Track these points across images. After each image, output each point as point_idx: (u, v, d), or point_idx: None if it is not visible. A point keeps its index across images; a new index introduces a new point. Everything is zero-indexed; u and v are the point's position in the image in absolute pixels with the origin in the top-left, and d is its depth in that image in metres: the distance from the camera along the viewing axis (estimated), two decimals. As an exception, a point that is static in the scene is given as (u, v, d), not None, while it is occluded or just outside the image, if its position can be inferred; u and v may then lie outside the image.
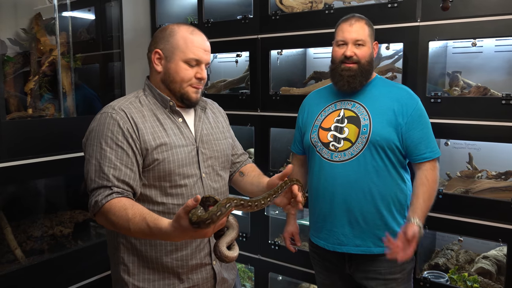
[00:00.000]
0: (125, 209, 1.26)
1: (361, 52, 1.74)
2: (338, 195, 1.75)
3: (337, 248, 1.78)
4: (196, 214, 1.10)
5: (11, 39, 2.12)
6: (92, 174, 1.34)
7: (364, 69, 1.75)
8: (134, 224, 1.22)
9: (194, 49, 1.42)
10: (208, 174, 1.49)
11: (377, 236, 1.73)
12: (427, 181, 1.69)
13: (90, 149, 1.37)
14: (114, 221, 1.27)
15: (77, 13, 2.59)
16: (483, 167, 2.11)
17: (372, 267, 1.76)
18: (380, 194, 1.72)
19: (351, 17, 1.77)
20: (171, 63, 1.42)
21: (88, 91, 2.45)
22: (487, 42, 2.10)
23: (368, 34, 1.75)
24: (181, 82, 1.43)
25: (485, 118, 1.87)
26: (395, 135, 1.71)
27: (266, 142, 2.52)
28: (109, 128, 1.36)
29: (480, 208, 1.90)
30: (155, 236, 1.23)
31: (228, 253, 1.26)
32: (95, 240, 2.30)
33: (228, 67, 2.97)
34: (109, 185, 1.32)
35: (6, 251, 1.98)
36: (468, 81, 2.16)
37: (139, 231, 1.22)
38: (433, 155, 1.72)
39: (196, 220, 1.09)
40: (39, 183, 2.24)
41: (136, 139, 1.37)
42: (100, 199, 1.30)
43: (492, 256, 2.08)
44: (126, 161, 1.35)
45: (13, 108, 2.01)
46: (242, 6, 2.76)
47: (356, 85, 1.76)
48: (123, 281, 1.44)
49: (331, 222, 1.78)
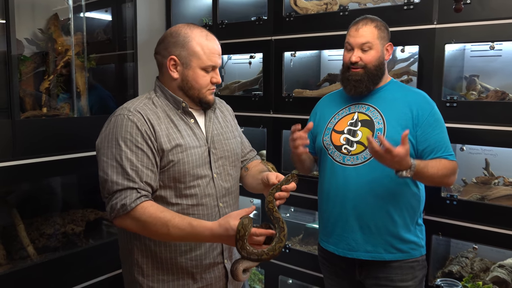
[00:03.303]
0: (162, 211, 1.30)
1: (367, 57, 1.71)
2: (349, 199, 1.72)
3: (347, 254, 1.75)
4: (245, 230, 1.24)
5: (28, 39, 2.15)
6: (114, 176, 1.33)
7: (371, 73, 1.72)
8: (174, 224, 1.27)
9: (211, 56, 1.43)
10: (219, 174, 1.50)
11: (389, 243, 1.70)
12: (440, 161, 1.63)
13: (108, 151, 1.36)
14: (150, 223, 1.29)
15: (95, 13, 2.62)
16: (499, 173, 2.06)
17: (383, 274, 1.73)
18: (392, 199, 1.69)
19: (360, 21, 1.75)
20: (188, 70, 1.43)
21: (102, 91, 2.47)
22: (506, 45, 2.05)
23: (376, 37, 1.72)
24: (200, 89, 1.45)
25: (502, 123, 1.82)
26: (409, 139, 1.67)
27: (279, 144, 2.51)
28: (127, 130, 1.36)
29: (496, 216, 1.85)
30: (194, 236, 1.30)
31: (241, 277, 1.38)
32: (106, 239, 2.31)
33: (241, 69, 2.97)
34: (136, 187, 1.32)
35: (19, 248, 2.01)
36: (486, 85, 2.11)
37: (179, 232, 1.28)
38: (451, 158, 1.66)
39: (247, 252, 1.26)
40: (52, 181, 2.27)
41: (154, 141, 1.37)
42: (128, 202, 1.30)
43: (508, 265, 2.03)
44: (147, 163, 1.35)
45: (28, 107, 2.04)
46: (256, 8, 2.76)
47: (362, 90, 1.74)
48: (137, 283, 1.45)
49: (342, 227, 1.75)
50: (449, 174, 1.64)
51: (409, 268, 1.71)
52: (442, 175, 1.62)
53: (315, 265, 2.32)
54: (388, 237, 1.70)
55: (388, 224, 1.69)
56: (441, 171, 1.61)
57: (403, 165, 1.51)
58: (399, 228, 1.70)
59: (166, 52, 1.44)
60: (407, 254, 1.71)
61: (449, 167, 1.64)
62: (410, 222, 1.72)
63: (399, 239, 1.70)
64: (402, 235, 1.70)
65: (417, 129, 1.68)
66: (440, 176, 1.62)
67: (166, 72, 1.46)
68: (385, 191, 1.68)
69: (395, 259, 1.70)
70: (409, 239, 1.71)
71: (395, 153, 1.46)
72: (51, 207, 2.26)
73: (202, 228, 1.28)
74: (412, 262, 1.72)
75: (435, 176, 1.61)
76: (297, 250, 2.49)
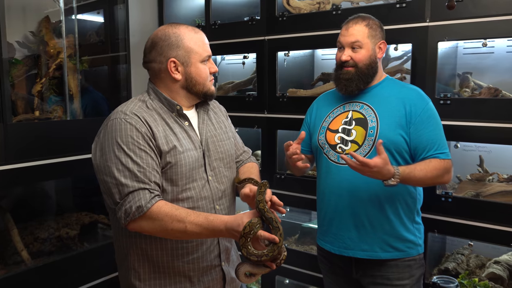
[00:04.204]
0: (177, 209, 1.30)
1: (358, 56, 1.72)
2: (344, 198, 1.72)
3: (343, 252, 1.75)
4: (251, 229, 1.24)
5: (19, 42, 2.14)
6: (122, 180, 1.30)
7: (361, 72, 1.72)
8: (190, 221, 1.28)
9: (204, 47, 1.47)
10: (214, 176, 1.49)
11: (385, 241, 1.69)
12: (429, 162, 1.62)
13: (111, 156, 1.33)
14: (166, 222, 1.28)
15: (87, 15, 2.61)
16: (494, 170, 2.06)
17: (380, 272, 1.72)
18: (387, 197, 1.69)
19: (351, 20, 1.75)
20: (190, 68, 1.44)
21: (95, 93, 2.46)
22: (498, 42, 2.06)
23: (367, 36, 1.72)
24: (204, 81, 1.46)
25: (496, 120, 1.82)
26: (403, 137, 1.67)
27: (273, 144, 2.50)
28: (127, 133, 1.34)
29: (491, 212, 1.86)
30: (210, 231, 1.30)
31: (243, 279, 1.37)
32: (101, 242, 2.30)
33: (235, 69, 2.97)
34: (147, 187, 1.31)
35: (12, 253, 2.00)
36: (479, 82, 2.12)
37: (195, 227, 1.28)
38: (442, 157, 1.65)
39: (247, 252, 1.27)
40: (45, 185, 2.25)
41: (154, 142, 1.37)
42: (144, 203, 1.28)
43: (503, 261, 2.03)
44: (152, 164, 1.34)
45: (21, 110, 2.03)
46: (249, 8, 2.76)
47: (353, 89, 1.74)
48: (134, 287, 1.43)
49: (337, 226, 1.75)
50: (441, 175, 1.63)
51: (405, 267, 1.71)
52: (432, 177, 1.61)
53: (312, 265, 2.33)
54: (384, 236, 1.69)
55: (384, 222, 1.69)
56: (430, 173, 1.60)
57: (385, 175, 1.52)
58: (395, 226, 1.70)
59: (163, 57, 1.42)
60: (404, 253, 1.71)
61: (439, 168, 1.62)
62: (406, 221, 1.71)
63: (396, 238, 1.69)
64: (399, 234, 1.69)
65: (410, 126, 1.68)
66: (430, 178, 1.61)
67: (166, 76, 1.44)
68: (379, 190, 1.67)
69: (391, 257, 1.70)
70: (406, 238, 1.70)
71: (372, 164, 1.47)
72: (45, 211, 2.25)
73: (219, 222, 1.28)
74: (409, 261, 1.72)
75: (425, 178, 1.60)
76: (293, 250, 2.49)
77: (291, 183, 2.43)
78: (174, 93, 1.47)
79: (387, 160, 1.50)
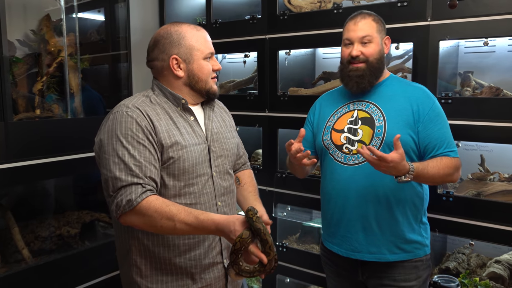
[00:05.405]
0: (168, 206, 1.29)
1: (369, 50, 1.68)
2: (351, 200, 1.68)
3: (351, 255, 1.71)
4: (241, 245, 1.22)
5: (20, 40, 2.13)
6: (117, 173, 1.31)
7: (373, 67, 1.69)
8: (180, 219, 1.27)
9: (207, 44, 1.48)
10: (218, 172, 1.50)
11: (392, 243, 1.66)
12: (440, 160, 1.60)
13: (109, 148, 1.34)
14: (155, 218, 1.28)
15: (88, 14, 2.60)
16: (495, 169, 2.06)
17: (387, 274, 1.69)
18: (395, 198, 1.65)
19: (357, 15, 1.72)
20: (192, 64, 1.45)
21: (92, 92, 2.44)
22: (500, 42, 2.06)
23: (376, 30, 1.69)
24: (206, 78, 1.47)
25: (497, 119, 1.82)
26: (411, 136, 1.65)
27: (274, 143, 2.50)
28: (127, 126, 1.35)
29: (492, 211, 1.85)
30: (199, 230, 1.30)
31: (233, 277, 1.37)
32: (102, 240, 2.30)
33: (236, 68, 2.96)
34: (140, 182, 1.31)
35: (13, 251, 2.00)
36: (480, 81, 2.11)
37: (184, 226, 1.27)
38: (452, 155, 1.63)
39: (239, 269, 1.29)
40: (46, 183, 2.25)
41: (154, 136, 1.37)
42: (134, 197, 1.28)
43: (504, 261, 2.03)
44: (149, 158, 1.34)
45: (21, 109, 2.02)
46: (250, 6, 2.75)
47: (365, 85, 1.70)
48: (136, 284, 1.44)
49: (345, 228, 1.72)
50: (452, 173, 1.61)
51: (412, 268, 1.68)
52: (443, 175, 1.59)
53: (313, 263, 2.33)
54: (392, 238, 1.66)
55: (392, 224, 1.66)
56: (443, 171, 1.58)
57: (401, 170, 1.48)
58: (403, 227, 1.66)
59: (165, 55, 1.44)
60: (411, 254, 1.68)
61: (450, 166, 1.60)
62: (414, 221, 1.68)
63: (403, 239, 1.66)
64: (406, 235, 1.66)
65: (418, 125, 1.65)
66: (441, 175, 1.59)
67: (169, 73, 1.46)
68: (387, 191, 1.64)
69: (399, 259, 1.67)
70: (413, 239, 1.67)
71: (389, 159, 1.44)
72: (46, 209, 2.25)
73: (209, 222, 1.27)
74: (416, 262, 1.68)
75: (437, 176, 1.58)
76: (294, 249, 2.48)
77: (292, 182, 2.43)
78: (178, 90, 1.47)
79: (404, 155, 1.47)
